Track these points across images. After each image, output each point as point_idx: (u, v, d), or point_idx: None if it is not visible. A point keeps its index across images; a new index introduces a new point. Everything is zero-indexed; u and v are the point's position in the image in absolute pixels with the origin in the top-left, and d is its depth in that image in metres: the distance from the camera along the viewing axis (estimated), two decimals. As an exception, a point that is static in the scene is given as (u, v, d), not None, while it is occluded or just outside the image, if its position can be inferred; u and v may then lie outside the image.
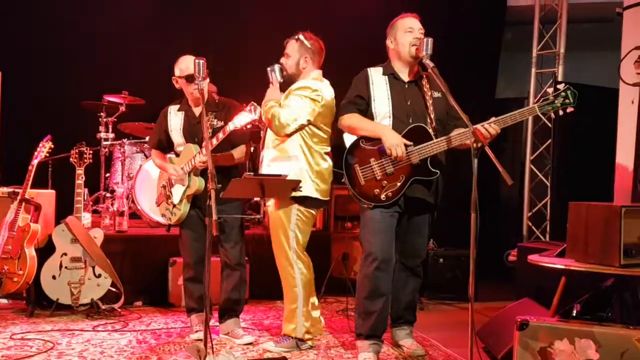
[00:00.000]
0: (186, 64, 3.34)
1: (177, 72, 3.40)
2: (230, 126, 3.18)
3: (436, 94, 3.11)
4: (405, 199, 3.07)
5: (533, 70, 5.85)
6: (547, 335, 2.55)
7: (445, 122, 3.11)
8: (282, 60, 3.35)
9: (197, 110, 3.40)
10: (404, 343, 3.31)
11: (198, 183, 3.31)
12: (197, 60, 3.02)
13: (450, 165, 3.22)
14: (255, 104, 3.17)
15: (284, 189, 3.13)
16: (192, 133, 3.39)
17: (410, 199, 3.07)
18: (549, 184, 5.75)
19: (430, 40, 3.01)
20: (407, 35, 3.08)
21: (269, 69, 3.34)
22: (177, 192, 3.40)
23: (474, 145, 2.66)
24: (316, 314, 3.33)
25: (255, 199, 4.81)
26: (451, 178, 3.30)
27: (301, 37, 3.32)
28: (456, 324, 4.02)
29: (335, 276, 4.62)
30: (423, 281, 3.42)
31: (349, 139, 3.32)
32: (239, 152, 3.42)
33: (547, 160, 5.81)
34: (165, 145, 3.58)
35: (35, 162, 4.13)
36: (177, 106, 3.50)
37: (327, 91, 3.28)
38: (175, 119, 3.47)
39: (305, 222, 3.26)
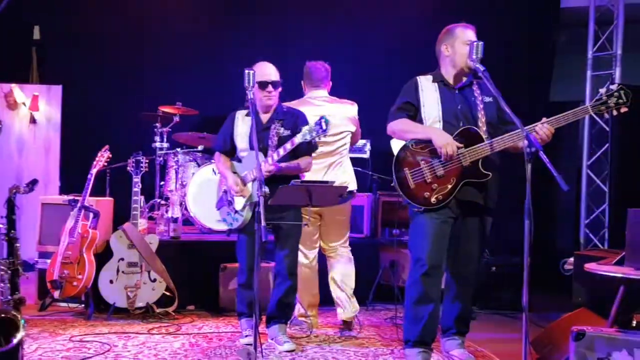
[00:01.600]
0: (261, 70, 3.36)
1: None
2: (299, 138, 3.17)
3: (487, 99, 3.08)
4: (457, 203, 3.03)
5: (589, 72, 5.67)
6: (604, 346, 2.46)
7: (497, 126, 3.07)
8: None
9: (264, 117, 3.42)
10: (455, 353, 3.25)
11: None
12: (247, 71, 3.09)
13: (503, 170, 3.16)
14: (326, 118, 3.14)
15: (332, 195, 3.15)
16: (258, 140, 3.35)
17: (462, 202, 3.04)
18: (606, 190, 5.54)
19: (480, 43, 2.97)
20: (466, 47, 3.04)
21: None
22: (240, 199, 3.40)
23: (528, 149, 2.60)
24: None
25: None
26: (504, 184, 3.23)
27: None
28: (509, 334, 3.92)
29: (383, 284, 4.59)
30: (475, 290, 3.34)
31: (396, 145, 3.33)
32: (304, 163, 3.42)
33: (604, 165, 5.61)
34: (229, 150, 3.55)
35: (94, 170, 4.30)
36: (246, 111, 3.48)
37: None
38: (242, 124, 3.46)
39: None
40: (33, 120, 6.17)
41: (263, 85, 3.34)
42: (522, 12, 6.09)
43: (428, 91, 3.12)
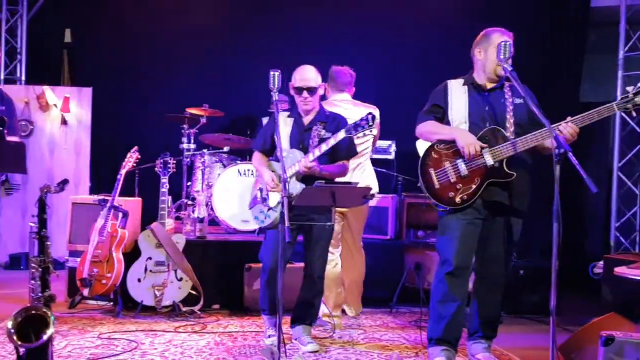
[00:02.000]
0: (300, 75, 3.39)
1: (292, 80, 3.44)
2: (343, 133, 3.19)
3: (518, 100, 3.07)
4: (484, 203, 3.04)
5: (620, 72, 5.57)
6: (634, 352, 2.41)
7: (527, 127, 3.03)
8: None
9: (306, 119, 3.44)
10: (481, 357, 3.21)
11: (298, 187, 3.28)
12: (272, 72, 3.12)
13: (533, 172, 3.13)
14: (373, 114, 3.15)
15: (356, 196, 3.14)
16: (298, 140, 3.41)
17: (489, 203, 3.04)
18: (638, 193, 5.42)
19: (509, 43, 2.96)
20: (494, 54, 3.04)
21: None
22: (275, 195, 3.39)
23: (557, 150, 2.57)
24: None
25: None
26: (533, 185, 3.19)
27: None
28: (537, 339, 3.86)
29: (408, 286, 4.56)
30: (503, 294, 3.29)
31: (421, 147, 3.33)
32: (342, 167, 3.44)
33: (636, 167, 5.49)
34: (268, 149, 3.55)
35: (123, 171, 4.38)
36: (287, 113, 3.52)
37: None
38: (283, 124, 3.47)
39: None
40: (64, 122, 6.32)
41: (299, 91, 3.37)
42: (552, 12, 6.01)
43: (457, 94, 3.14)
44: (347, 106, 3.93)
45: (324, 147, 3.24)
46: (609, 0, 5.88)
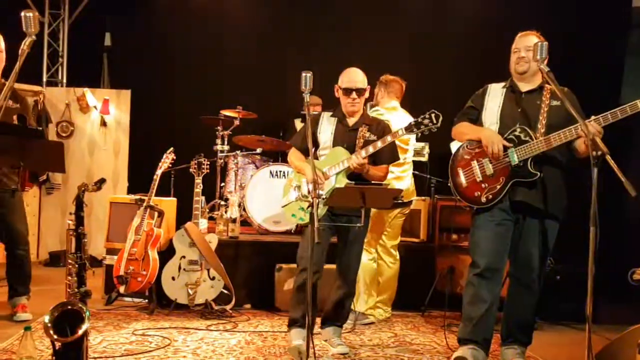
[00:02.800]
0: (348, 76, 3.41)
1: (339, 81, 3.46)
2: (403, 131, 3.20)
3: (555, 102, 3.06)
4: (511, 204, 3.05)
5: (662, 74, 5.38)
6: (674, 362, 2.32)
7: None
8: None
9: (351, 120, 3.45)
10: (514, 363, 3.16)
11: (345, 183, 3.27)
12: (304, 74, 3.13)
13: (570, 174, 3.08)
14: (437, 112, 3.16)
15: (386, 198, 3.13)
16: (342, 140, 3.41)
17: (517, 204, 3.04)
18: (682, 197, 5.22)
19: (545, 44, 2.92)
20: (513, 55, 3.17)
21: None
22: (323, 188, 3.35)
23: (594, 153, 2.51)
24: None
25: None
26: (571, 188, 3.13)
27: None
28: (573, 346, 3.76)
29: (440, 290, 4.51)
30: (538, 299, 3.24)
31: (455, 148, 3.32)
32: (385, 171, 3.43)
33: (679, 170, 5.29)
34: (305, 148, 3.48)
35: (159, 172, 4.46)
36: (330, 113, 3.55)
37: None
38: (326, 123, 3.50)
39: None
40: (104, 123, 6.49)
41: (347, 92, 3.39)
42: (593, 12, 5.87)
43: (494, 97, 3.20)
44: (395, 113, 4.11)
45: (380, 144, 3.23)
46: (652, 0, 5.71)
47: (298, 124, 5.98)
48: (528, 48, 3.08)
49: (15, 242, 3.90)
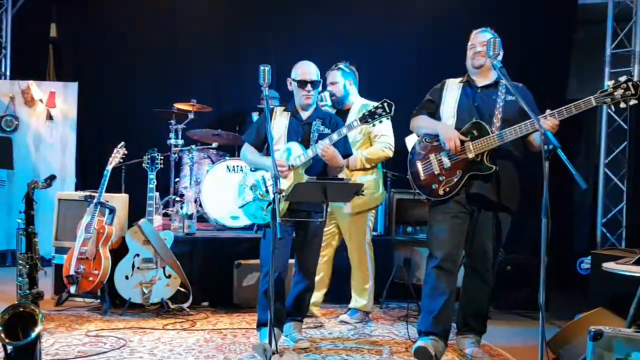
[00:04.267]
0: (302, 69, 3.40)
1: (292, 74, 3.44)
2: (358, 121, 3.21)
3: (510, 97, 3.14)
4: (468, 197, 3.12)
5: (607, 70, 5.60)
6: (623, 347, 2.42)
7: (518, 124, 3.04)
8: (329, 89, 3.99)
9: (304, 114, 3.43)
10: (469, 352, 3.24)
11: (306, 178, 3.24)
12: (262, 68, 3.12)
13: (522, 168, 3.18)
14: (389, 101, 3.19)
15: (347, 193, 3.14)
16: (296, 134, 3.38)
17: (473, 197, 3.12)
18: (624, 189, 5.47)
19: (497, 40, 3.01)
20: (469, 50, 3.27)
21: (320, 95, 3.76)
22: (284, 183, 3.25)
23: (545, 147, 2.58)
24: None
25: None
26: (521, 181, 3.22)
27: (341, 65, 4.03)
28: (526, 334, 3.89)
29: (397, 282, 4.57)
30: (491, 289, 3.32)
31: (410, 142, 3.38)
32: (344, 162, 3.45)
33: (622, 163, 5.54)
34: (261, 142, 3.48)
35: (110, 167, 4.33)
36: (283, 107, 3.51)
37: None
38: (280, 118, 3.45)
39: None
40: (50, 117, 6.23)
41: (302, 84, 3.37)
42: (539, 9, 6.04)
43: (451, 91, 3.27)
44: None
45: (345, 131, 3.23)
46: (596, -3, 5.92)
47: (256, 118, 5.92)
48: (483, 43, 3.17)
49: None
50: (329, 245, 4.03)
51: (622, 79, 2.85)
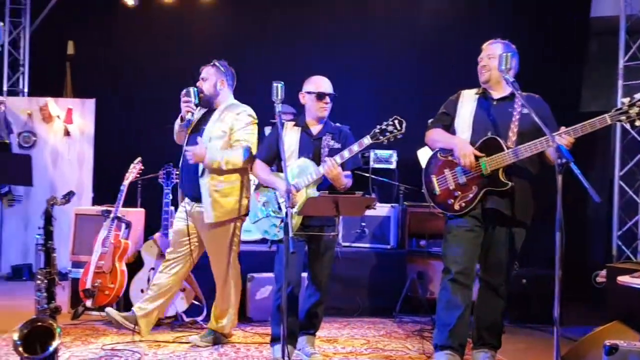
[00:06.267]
0: (318, 83, 3.42)
1: (307, 87, 3.45)
2: (369, 139, 3.16)
3: (525, 110, 3.09)
4: (483, 212, 3.11)
5: (620, 82, 5.58)
6: (638, 361, 2.41)
7: (532, 138, 3.02)
8: (198, 84, 3.88)
9: (315, 129, 3.44)
10: (484, 366, 3.22)
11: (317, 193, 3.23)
12: (275, 84, 3.16)
13: (536, 181, 3.16)
14: (400, 118, 3.15)
15: (359, 206, 3.16)
16: (309, 149, 3.39)
17: (488, 211, 3.10)
18: (639, 201, 5.43)
19: (509, 54, 3.01)
20: (480, 64, 3.24)
21: (183, 92, 3.75)
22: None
23: (559, 160, 2.58)
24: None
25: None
26: (536, 195, 3.21)
27: (216, 62, 3.91)
28: (540, 348, 3.86)
29: (411, 296, 4.56)
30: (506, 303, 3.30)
31: (423, 155, 3.37)
32: (349, 178, 3.41)
33: (637, 176, 5.50)
34: (270, 159, 3.51)
35: (126, 182, 4.39)
36: (293, 122, 3.53)
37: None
38: (290, 133, 3.46)
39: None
40: (67, 133, 6.34)
41: (321, 96, 3.39)
42: (552, 22, 6.04)
43: (466, 103, 3.24)
44: None
45: (356, 148, 3.18)
46: (609, 11, 5.91)
47: (268, 133, 5.97)
48: (490, 56, 3.17)
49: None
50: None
51: (637, 96, 2.80)
